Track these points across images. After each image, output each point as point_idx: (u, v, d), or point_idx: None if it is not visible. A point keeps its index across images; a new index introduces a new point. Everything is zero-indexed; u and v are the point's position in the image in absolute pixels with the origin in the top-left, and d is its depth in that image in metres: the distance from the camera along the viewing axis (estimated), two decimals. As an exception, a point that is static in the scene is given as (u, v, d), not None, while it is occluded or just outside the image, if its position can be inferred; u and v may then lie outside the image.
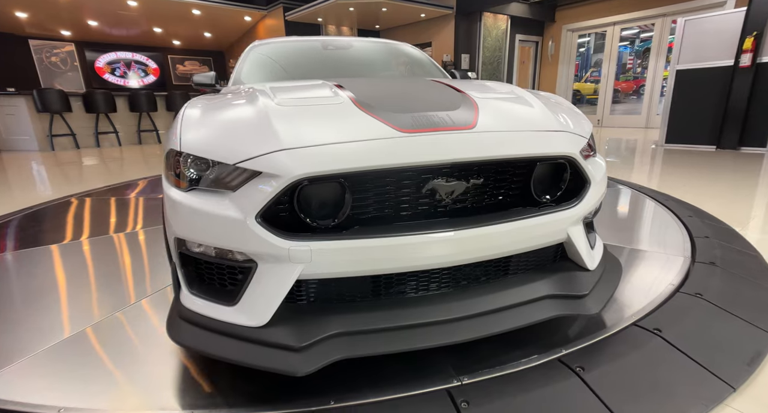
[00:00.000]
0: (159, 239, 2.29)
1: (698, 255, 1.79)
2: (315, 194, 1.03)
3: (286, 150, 1.00)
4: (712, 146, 5.28)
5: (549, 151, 1.10)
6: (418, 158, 1.01)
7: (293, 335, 1.02)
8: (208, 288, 1.17)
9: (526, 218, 1.10)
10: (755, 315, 1.36)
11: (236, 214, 1.00)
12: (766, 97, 4.81)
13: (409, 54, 2.71)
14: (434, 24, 7.94)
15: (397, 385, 1.07)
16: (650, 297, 1.46)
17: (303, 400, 1.03)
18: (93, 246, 2.22)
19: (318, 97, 1.32)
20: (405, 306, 1.11)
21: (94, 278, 1.81)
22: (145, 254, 2.09)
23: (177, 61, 13.44)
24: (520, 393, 1.03)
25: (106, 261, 2.00)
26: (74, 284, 1.75)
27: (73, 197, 3.45)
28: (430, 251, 1.03)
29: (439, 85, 1.52)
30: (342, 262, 1.01)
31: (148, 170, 4.91)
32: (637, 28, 8.35)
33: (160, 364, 1.21)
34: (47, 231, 2.50)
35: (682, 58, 5.29)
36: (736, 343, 1.22)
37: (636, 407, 0.98)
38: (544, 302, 1.16)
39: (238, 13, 9.55)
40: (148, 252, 2.12)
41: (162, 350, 1.27)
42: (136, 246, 2.22)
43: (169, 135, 1.32)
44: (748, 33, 4.68)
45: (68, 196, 3.49)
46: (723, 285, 1.53)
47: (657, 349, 1.18)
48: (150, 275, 1.82)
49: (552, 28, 8.82)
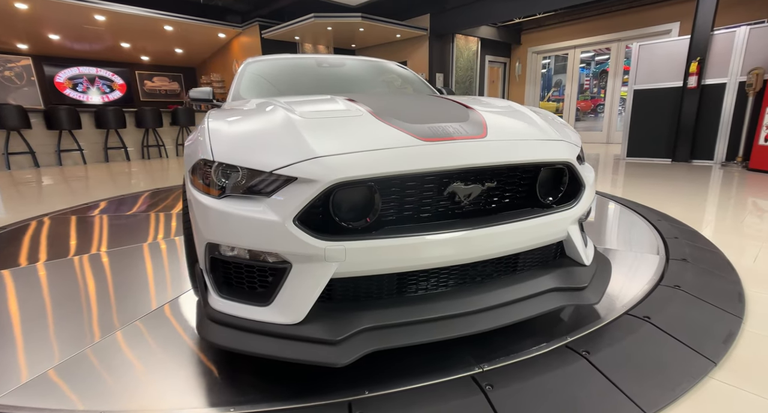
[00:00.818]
0: (128, 259, 2.22)
1: (671, 253, 1.99)
2: (346, 197, 1.11)
3: (321, 157, 1.08)
4: (668, 159, 5.75)
5: (551, 157, 1.25)
6: (439, 164, 1.12)
7: (328, 330, 1.09)
8: (238, 291, 1.22)
9: (533, 217, 1.23)
10: (724, 302, 1.55)
11: (275, 217, 1.06)
12: (710, 116, 5.32)
13: (398, 72, 2.87)
14: (410, 44, 8.27)
15: (425, 375, 1.15)
16: (637, 290, 1.62)
17: (339, 392, 1.09)
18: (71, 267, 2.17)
19: (336, 110, 1.42)
20: (427, 301, 1.20)
21: (51, 308, 1.68)
22: (118, 276, 2.07)
23: (145, 77, 13.15)
24: (537, 375, 1.14)
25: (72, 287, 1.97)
26: (29, 315, 1.60)
27: (33, 219, 3.18)
28: (452, 248, 1.13)
29: (444, 100, 1.65)
30: (373, 260, 1.09)
31: (116, 189, 4.63)
32: (594, 51, 9.02)
33: (187, 366, 1.23)
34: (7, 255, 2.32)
35: (638, 79, 5.79)
36: (712, 325, 1.39)
37: (638, 383, 1.11)
38: (550, 295, 1.28)
39: (212, 30, 9.53)
40: (122, 274, 2.01)
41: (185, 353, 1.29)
42: (118, 266, 2.19)
43: (193, 147, 1.38)
44: (693, 58, 5.21)
45: (29, 219, 3.20)
46: (695, 278, 1.72)
47: (649, 333, 1.33)
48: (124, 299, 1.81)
49: (518, 50, 9.38)
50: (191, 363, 1.26)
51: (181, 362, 1.26)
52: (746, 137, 5.05)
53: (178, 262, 2.15)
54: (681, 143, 5.54)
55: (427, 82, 2.79)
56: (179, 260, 2.17)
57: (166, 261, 2.18)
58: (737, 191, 3.70)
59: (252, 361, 1.24)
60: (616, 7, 7.63)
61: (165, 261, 2.18)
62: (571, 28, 8.44)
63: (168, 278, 1.94)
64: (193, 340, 1.38)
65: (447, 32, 7.82)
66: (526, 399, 1.06)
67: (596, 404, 1.04)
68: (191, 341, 1.38)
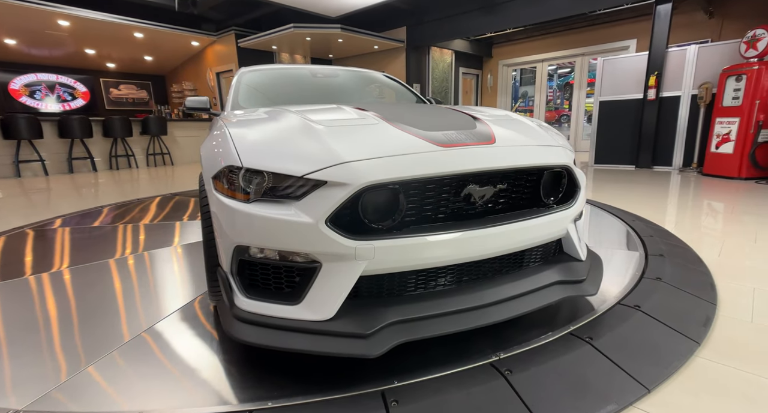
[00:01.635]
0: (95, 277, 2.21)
1: (649, 250, 2.17)
2: (372, 199, 1.19)
3: (350, 162, 1.16)
4: (632, 166, 6.15)
5: (553, 161, 1.37)
6: (457, 168, 1.22)
7: (359, 325, 1.15)
8: (265, 291, 1.26)
9: (539, 216, 1.35)
10: (699, 291, 1.72)
11: (308, 219, 1.12)
12: (668, 125, 5.77)
13: (389, 83, 2.98)
14: (387, 55, 8.47)
15: (447, 364, 1.24)
16: (625, 282, 1.78)
17: (370, 383, 1.16)
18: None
19: (351, 118, 1.50)
20: (444, 296, 1.28)
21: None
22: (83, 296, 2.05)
23: (111, 85, 12.67)
24: (549, 360, 1.24)
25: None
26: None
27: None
28: (470, 245, 1.23)
29: (448, 109, 1.77)
30: (399, 258, 1.17)
31: (82, 202, 4.27)
32: (557, 65, 9.53)
33: (214, 366, 1.25)
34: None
35: (603, 91, 6.19)
36: (692, 311, 1.55)
37: (637, 363, 1.24)
38: (554, 287, 1.40)
39: (185, 38, 9.38)
40: (88, 296, 1.90)
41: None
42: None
43: (213, 154, 1.42)
44: (651, 72, 5.64)
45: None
46: (673, 270, 1.90)
47: (640, 320, 1.47)
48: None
49: (490, 62, 9.79)
50: (215, 366, 1.28)
51: (207, 367, 1.28)
52: (700, 145, 5.50)
53: (149, 282, 1.97)
54: (643, 151, 5.96)
55: (416, 93, 2.92)
56: (151, 279, 2.02)
57: (136, 281, 1.98)
58: (694, 195, 4.04)
59: (277, 359, 1.28)
60: (578, 25, 8.14)
61: (134, 281, 1.98)
62: (539, 43, 8.91)
63: (139, 303, 1.74)
64: (210, 354, 1.40)
65: (423, 45, 8.08)
66: (542, 380, 1.16)
67: (604, 382, 1.16)
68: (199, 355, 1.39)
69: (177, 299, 1.76)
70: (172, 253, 2.41)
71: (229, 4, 7.80)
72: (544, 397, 1.10)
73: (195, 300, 1.74)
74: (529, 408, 1.06)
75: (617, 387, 1.14)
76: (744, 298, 1.69)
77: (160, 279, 2.02)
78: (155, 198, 4.38)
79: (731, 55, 5.09)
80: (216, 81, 9.92)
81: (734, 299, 1.68)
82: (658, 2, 5.39)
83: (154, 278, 2.05)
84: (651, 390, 1.13)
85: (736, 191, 4.14)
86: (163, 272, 2.12)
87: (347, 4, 6.82)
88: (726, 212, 3.26)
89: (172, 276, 2.06)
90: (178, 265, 2.22)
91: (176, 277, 2.05)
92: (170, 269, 2.17)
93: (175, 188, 5.25)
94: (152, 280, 2.02)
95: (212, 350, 1.37)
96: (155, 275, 2.08)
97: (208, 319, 1.58)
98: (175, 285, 1.95)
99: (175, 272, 2.11)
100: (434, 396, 1.10)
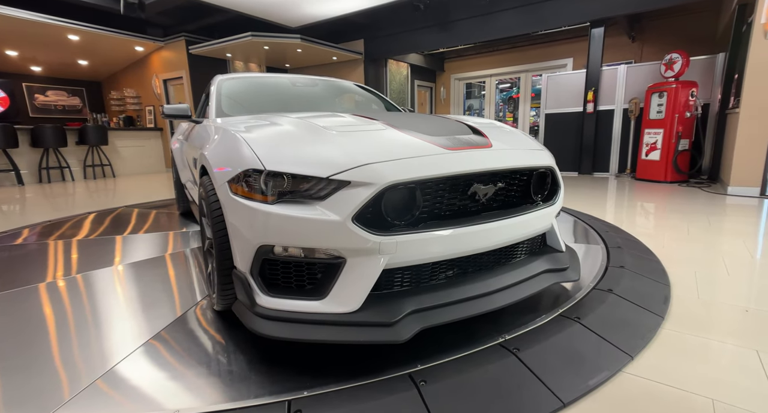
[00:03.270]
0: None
1: (609, 243, 2.46)
2: (391, 197, 1.28)
3: (372, 164, 1.25)
4: (575, 172, 6.75)
5: (542, 163, 1.56)
6: (465, 168, 1.35)
7: (383, 314, 1.24)
8: (287, 289, 1.31)
9: (531, 212, 1.51)
10: (656, 275, 2.00)
11: (336, 217, 1.19)
12: (605, 136, 6.42)
13: (364, 93, 3.10)
14: (345, 66, 8.60)
15: (460, 347, 1.35)
16: (595, 271, 2.01)
17: (395, 368, 1.24)
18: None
19: (356, 124, 1.59)
20: (453, 286, 1.40)
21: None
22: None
23: (36, 91, 11.58)
24: (549, 338, 1.40)
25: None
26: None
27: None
28: (478, 238, 1.36)
29: (442, 117, 1.91)
30: (418, 251, 1.27)
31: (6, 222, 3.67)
32: (499, 80, 10.21)
33: (241, 361, 1.27)
34: None
35: (548, 104, 6.76)
36: (653, 292, 1.80)
37: (617, 335, 1.43)
38: (544, 275, 1.57)
39: (127, 43, 8.87)
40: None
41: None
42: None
43: (226, 158, 1.44)
44: (589, 88, 6.28)
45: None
46: (632, 260, 2.17)
47: (614, 301, 1.68)
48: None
49: (442, 76, 10.27)
50: (238, 365, 1.30)
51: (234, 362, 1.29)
52: (632, 153, 6.18)
53: (85, 313, 1.69)
54: (584, 158, 6.56)
55: (391, 102, 3.06)
56: (89, 308, 1.74)
57: (70, 311, 1.73)
58: (629, 196, 4.54)
59: (296, 354, 1.33)
60: (521, 43, 8.83)
61: (68, 310, 1.73)
62: (487, 59, 9.52)
63: (74, 339, 1.47)
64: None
65: (380, 57, 8.32)
66: (545, 355, 1.31)
67: (595, 353, 1.33)
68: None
69: (158, 320, 1.72)
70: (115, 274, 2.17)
71: (180, 10, 7.54)
72: (549, 369, 1.24)
73: (186, 313, 1.71)
74: (540, 378, 1.20)
75: (607, 356, 1.32)
76: (689, 280, 1.98)
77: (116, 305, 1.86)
78: (116, 210, 4.11)
79: (654, 74, 5.82)
80: (163, 88, 9.46)
81: (682, 281, 1.97)
82: (593, 25, 6.04)
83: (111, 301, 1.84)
84: (634, 357, 1.32)
85: (665, 192, 4.71)
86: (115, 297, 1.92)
87: (307, 16, 6.88)
88: (660, 210, 3.72)
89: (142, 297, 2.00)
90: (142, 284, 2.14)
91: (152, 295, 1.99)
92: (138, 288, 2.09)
93: (124, 200, 4.95)
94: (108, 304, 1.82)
95: (228, 351, 1.38)
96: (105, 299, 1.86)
97: (213, 326, 1.57)
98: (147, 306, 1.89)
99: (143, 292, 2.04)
100: (456, 375, 1.21)
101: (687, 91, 5.15)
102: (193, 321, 1.61)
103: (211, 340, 1.46)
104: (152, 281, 2.05)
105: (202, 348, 1.41)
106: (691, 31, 6.67)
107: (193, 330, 1.54)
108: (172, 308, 1.73)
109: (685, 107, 5.19)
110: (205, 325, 1.58)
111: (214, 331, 1.53)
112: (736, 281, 1.97)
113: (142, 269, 2.24)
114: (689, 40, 6.62)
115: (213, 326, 1.56)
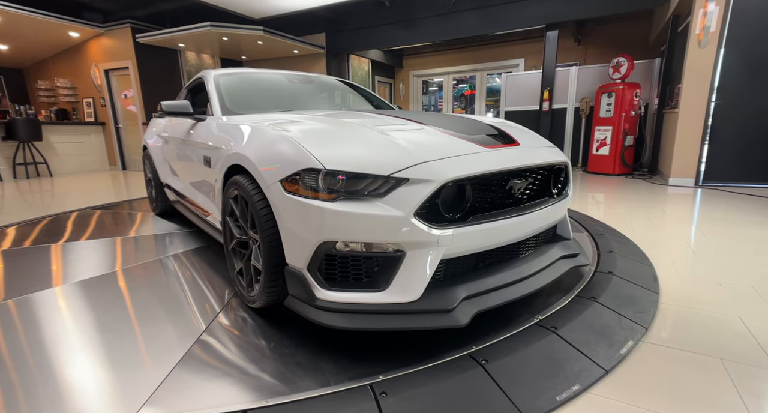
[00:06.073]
0: None
1: (591, 231, 2.72)
2: (446, 193, 1.36)
3: (429, 162, 1.33)
4: (533, 166, 7.21)
5: (560, 159, 1.72)
6: (505, 165, 1.47)
7: (442, 301, 1.32)
8: (345, 282, 1.35)
9: (552, 204, 1.67)
10: (639, 258, 2.26)
11: (399, 213, 1.26)
12: (559, 132, 6.92)
13: (359, 90, 3.13)
14: (306, 60, 8.45)
15: (503, 329, 1.48)
16: (590, 256, 2.23)
17: (454, 350, 1.34)
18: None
19: (395, 123, 1.65)
20: (494, 273, 1.52)
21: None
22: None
23: (-60, 77, 10.18)
24: (579, 315, 1.57)
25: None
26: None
27: None
28: (518, 228, 1.49)
29: (465, 117, 2.02)
30: (471, 242, 1.37)
31: None
32: (457, 78, 10.59)
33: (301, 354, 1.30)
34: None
35: (507, 102, 7.15)
36: (644, 272, 2.05)
37: (629, 310, 1.63)
38: (561, 261, 1.74)
39: (59, 27, 8.01)
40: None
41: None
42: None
43: (277, 158, 1.43)
44: (545, 87, 6.73)
45: None
46: (617, 245, 2.44)
47: (617, 282, 1.90)
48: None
49: (401, 72, 10.43)
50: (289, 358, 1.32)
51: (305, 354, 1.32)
52: (583, 149, 6.74)
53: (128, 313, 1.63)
54: (540, 154, 7.03)
55: (382, 99, 3.12)
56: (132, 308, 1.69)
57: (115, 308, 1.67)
58: (588, 188, 4.98)
59: (354, 343, 1.38)
60: (477, 43, 9.21)
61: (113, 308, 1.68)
62: (444, 57, 9.82)
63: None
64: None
65: (342, 51, 8.28)
66: (579, 330, 1.47)
67: (617, 326, 1.52)
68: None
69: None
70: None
71: (126, -6, 6.98)
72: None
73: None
74: (579, 350, 1.35)
75: (627, 328, 1.51)
76: (665, 260, 2.27)
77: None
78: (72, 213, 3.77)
79: (602, 76, 6.37)
80: (104, 79, 8.70)
81: (660, 262, 2.25)
82: (548, 28, 6.47)
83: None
84: (647, 328, 1.53)
85: (616, 184, 5.22)
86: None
87: (272, 7, 6.68)
88: (619, 200, 4.14)
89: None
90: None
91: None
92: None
93: (73, 204, 4.57)
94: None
95: (285, 345, 1.39)
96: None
97: (258, 323, 1.57)
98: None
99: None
100: (510, 353, 1.33)
101: (632, 92, 5.72)
102: (236, 319, 1.59)
103: (263, 337, 1.46)
104: (168, 284, 1.97)
105: (254, 345, 1.41)
106: (627, 36, 7.36)
107: (239, 328, 1.52)
108: (203, 310, 1.68)
109: (630, 106, 5.76)
110: (252, 322, 1.57)
111: (262, 328, 1.52)
112: (702, 259, 2.28)
113: (148, 272, 2.14)
114: (625, 45, 7.29)
115: (258, 323, 1.56)
